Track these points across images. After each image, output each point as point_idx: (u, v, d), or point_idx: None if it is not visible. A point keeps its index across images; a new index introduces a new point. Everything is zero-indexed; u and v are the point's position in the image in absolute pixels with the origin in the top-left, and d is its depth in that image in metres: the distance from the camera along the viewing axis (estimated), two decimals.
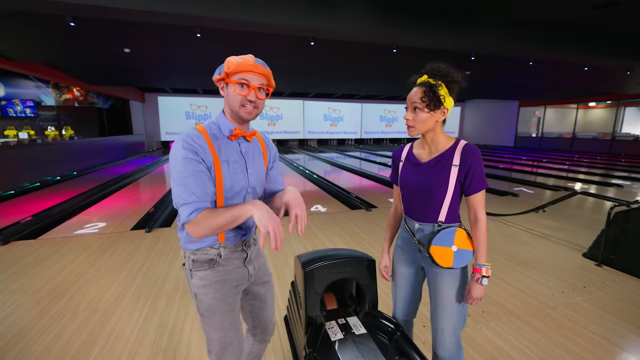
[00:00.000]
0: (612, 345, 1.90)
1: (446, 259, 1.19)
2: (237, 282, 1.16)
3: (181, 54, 6.97)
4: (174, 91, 15.18)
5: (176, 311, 2.20)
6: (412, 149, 1.32)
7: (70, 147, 8.88)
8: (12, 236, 3.56)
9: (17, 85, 11.11)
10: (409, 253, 1.35)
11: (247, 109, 1.05)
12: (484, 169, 1.19)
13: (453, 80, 1.14)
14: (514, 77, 10.13)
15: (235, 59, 1.02)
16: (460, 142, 1.21)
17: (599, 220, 4.04)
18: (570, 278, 2.73)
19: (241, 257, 1.17)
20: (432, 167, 1.21)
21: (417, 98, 1.15)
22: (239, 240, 1.16)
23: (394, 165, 1.39)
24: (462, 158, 1.17)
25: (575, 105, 15.55)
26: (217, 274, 1.11)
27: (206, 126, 1.08)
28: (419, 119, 1.17)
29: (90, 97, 12.48)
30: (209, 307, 1.11)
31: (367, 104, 18.94)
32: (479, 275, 1.17)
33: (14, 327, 2.01)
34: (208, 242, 1.10)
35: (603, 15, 5.10)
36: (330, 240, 3.52)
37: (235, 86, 1.03)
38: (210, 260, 1.10)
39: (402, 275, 1.39)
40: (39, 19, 4.68)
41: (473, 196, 1.19)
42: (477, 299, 1.20)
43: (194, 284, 1.11)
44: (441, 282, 1.25)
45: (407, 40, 5.42)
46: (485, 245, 1.19)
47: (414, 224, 1.28)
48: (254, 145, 1.19)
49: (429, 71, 1.16)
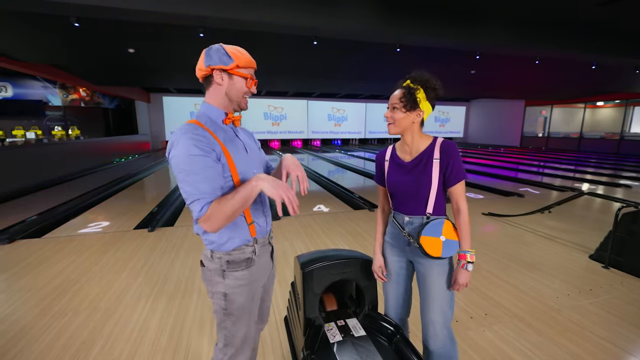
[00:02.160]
0: (618, 349, 1.85)
1: (435, 249, 1.25)
2: (264, 278, 1.19)
3: (185, 54, 7.00)
4: (178, 91, 15.29)
5: (176, 311, 2.20)
6: (395, 151, 1.39)
7: (75, 146, 8.96)
8: (17, 235, 3.59)
9: (24, 86, 11.26)
10: (397, 248, 1.39)
11: (246, 101, 1.12)
12: (462, 162, 1.27)
13: (431, 87, 1.24)
14: (519, 76, 10.01)
15: (241, 54, 1.05)
16: (437, 140, 1.30)
17: (606, 222, 3.97)
18: (576, 280, 2.68)
19: (268, 250, 1.20)
20: (415, 165, 1.29)
21: (396, 99, 1.25)
22: (266, 234, 1.18)
23: (379, 167, 1.44)
24: (442, 153, 1.26)
25: (583, 105, 15.34)
26: (253, 272, 1.12)
27: (197, 118, 1.07)
28: (395, 117, 1.26)
29: (96, 98, 12.61)
30: (241, 306, 1.10)
31: (371, 104, 18.89)
32: (464, 261, 1.24)
33: (16, 326, 2.02)
34: (243, 240, 1.09)
35: (609, 12, 5.00)
36: (332, 241, 3.51)
37: (247, 80, 1.07)
38: (247, 259, 1.10)
39: (392, 271, 1.42)
40: (45, 20, 4.73)
41: (454, 187, 1.27)
42: (463, 284, 1.25)
43: (228, 284, 1.09)
44: (430, 274, 1.30)
45: (410, 39, 5.38)
46: (468, 232, 1.26)
47: (403, 217, 1.34)
48: (242, 129, 1.23)
49: (411, 77, 1.26)
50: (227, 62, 1.03)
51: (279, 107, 17.27)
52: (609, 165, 10.28)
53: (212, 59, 1.03)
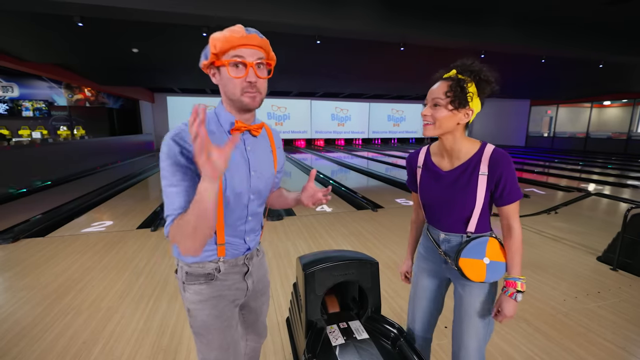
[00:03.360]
0: (627, 354, 1.81)
1: (478, 273, 1.07)
2: (234, 297, 1.04)
3: (189, 54, 7.01)
4: (182, 91, 15.34)
5: (178, 311, 2.18)
6: (430, 156, 1.17)
7: (81, 146, 9.03)
8: (21, 234, 3.61)
9: (30, 86, 11.35)
10: (432, 263, 1.23)
11: (251, 94, 0.86)
12: (516, 176, 1.05)
13: (486, 80, 1.01)
14: (525, 75, 9.90)
15: (220, 34, 0.82)
16: (486, 147, 1.06)
17: (615, 223, 3.91)
18: (583, 283, 2.63)
19: (242, 271, 1.04)
20: (456, 177, 1.08)
21: (440, 92, 1.00)
22: (241, 255, 1.03)
23: (410, 172, 1.26)
24: (491, 166, 1.03)
25: (589, 104, 15.16)
26: (214, 289, 0.98)
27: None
28: (438, 115, 1.02)
29: (101, 98, 12.68)
30: (204, 324, 0.99)
31: (375, 104, 18.83)
32: (513, 290, 1.05)
33: (18, 325, 2.02)
34: (205, 257, 0.96)
35: (618, 10, 4.93)
36: (335, 241, 3.48)
37: (229, 68, 0.84)
38: (206, 274, 0.97)
39: (424, 287, 1.28)
40: (50, 20, 4.76)
41: (507, 207, 1.06)
42: (509, 317, 1.07)
43: (188, 298, 0.98)
44: (469, 295, 1.14)
45: (414, 38, 5.34)
46: (519, 257, 1.07)
47: (439, 234, 1.16)
48: (261, 142, 1.02)
49: (459, 66, 1.02)
50: (208, 53, 0.85)
51: (282, 106, 17.27)
52: (617, 165, 10.14)
53: (203, 55, 0.89)
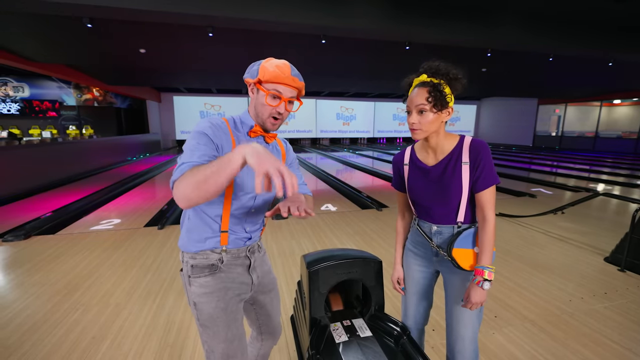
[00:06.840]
0: (634, 355, 1.79)
1: (469, 262, 1.14)
2: (239, 290, 1.11)
3: (195, 54, 7.08)
4: (189, 91, 15.48)
5: (184, 308, 2.22)
6: (415, 153, 1.25)
7: (89, 145, 9.16)
8: (32, 231, 3.69)
9: (41, 86, 11.56)
10: (422, 257, 1.29)
11: (275, 121, 1.04)
12: (493, 163, 1.13)
13: (455, 78, 1.08)
14: (532, 73, 9.79)
15: (271, 68, 0.97)
16: (465, 139, 1.15)
17: (623, 223, 3.85)
18: (590, 283, 2.60)
19: (244, 264, 1.12)
20: (442, 170, 1.16)
21: (422, 99, 1.07)
22: (243, 245, 1.11)
23: (397, 171, 1.32)
24: (471, 153, 1.12)
25: (599, 103, 14.90)
26: (219, 280, 1.06)
27: (228, 118, 1.07)
28: (426, 121, 1.09)
29: (109, 97, 12.85)
30: (210, 316, 1.05)
31: (380, 103, 18.77)
32: (481, 278, 1.09)
33: (30, 320, 2.07)
34: (209, 245, 1.05)
35: (626, 7, 4.86)
36: (340, 240, 3.49)
37: (267, 97, 0.99)
38: (211, 265, 1.05)
39: (415, 281, 1.33)
40: (59, 21, 4.84)
41: (482, 193, 1.12)
42: (477, 303, 1.11)
43: (194, 292, 1.05)
44: (461, 286, 1.20)
45: (419, 37, 5.31)
46: (491, 247, 1.12)
47: (430, 227, 1.22)
48: (272, 150, 1.13)
49: (427, 70, 1.09)
50: (254, 75, 1.00)
51: None
52: (626, 165, 9.97)
53: (249, 72, 1.03)
